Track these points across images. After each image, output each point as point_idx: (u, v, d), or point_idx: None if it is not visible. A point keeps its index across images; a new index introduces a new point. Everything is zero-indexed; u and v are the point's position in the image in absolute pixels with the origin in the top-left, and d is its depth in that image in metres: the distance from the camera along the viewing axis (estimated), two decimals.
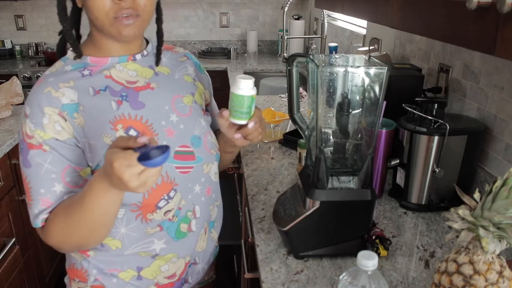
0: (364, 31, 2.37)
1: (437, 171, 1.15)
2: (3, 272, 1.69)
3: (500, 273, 0.69)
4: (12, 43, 3.81)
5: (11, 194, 1.84)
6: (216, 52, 3.85)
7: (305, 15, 3.92)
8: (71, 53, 0.92)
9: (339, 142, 1.00)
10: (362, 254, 0.69)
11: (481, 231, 0.67)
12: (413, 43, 1.72)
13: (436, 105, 1.15)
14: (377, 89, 0.92)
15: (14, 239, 1.79)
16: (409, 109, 1.20)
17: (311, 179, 0.96)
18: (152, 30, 0.98)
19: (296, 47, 3.67)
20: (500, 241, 0.68)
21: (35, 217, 0.87)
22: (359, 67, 0.94)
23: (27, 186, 0.87)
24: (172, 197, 0.93)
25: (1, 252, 1.68)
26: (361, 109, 0.96)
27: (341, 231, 0.97)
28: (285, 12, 2.83)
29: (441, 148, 1.13)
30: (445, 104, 1.17)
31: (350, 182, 0.97)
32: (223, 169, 1.17)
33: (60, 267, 2.28)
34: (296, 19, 3.64)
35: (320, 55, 1.08)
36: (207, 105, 1.11)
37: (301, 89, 2.17)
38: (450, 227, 0.71)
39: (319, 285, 0.91)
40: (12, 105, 2.09)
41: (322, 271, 0.96)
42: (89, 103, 0.88)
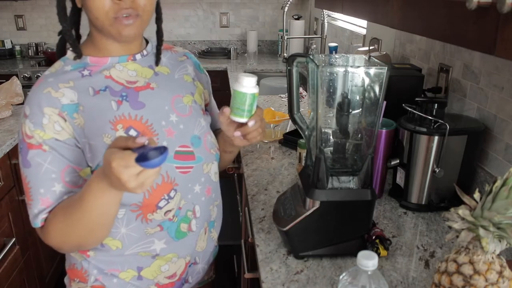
0: (364, 31, 2.37)
1: (437, 171, 1.15)
2: (3, 272, 1.69)
3: (500, 273, 0.69)
4: (12, 43, 3.81)
5: (11, 194, 1.84)
6: (216, 52, 3.85)
7: (305, 15, 3.92)
8: (70, 53, 0.92)
9: (339, 142, 1.00)
10: (362, 254, 0.69)
11: (481, 231, 0.67)
12: (413, 43, 1.72)
13: (436, 105, 1.15)
14: (377, 89, 0.92)
15: (14, 239, 1.79)
16: (409, 109, 1.20)
17: (311, 179, 0.96)
18: (151, 30, 0.98)
19: (296, 47, 3.67)
20: (500, 241, 0.68)
21: (34, 217, 0.87)
22: (359, 67, 0.94)
23: (27, 186, 0.87)
24: (172, 197, 0.93)
25: (1, 252, 1.68)
26: (361, 109, 0.96)
27: (341, 231, 0.97)
28: (285, 12, 2.83)
29: (441, 148, 1.13)
30: (445, 104, 1.17)
31: (350, 182, 0.97)
32: (223, 169, 1.17)
33: (60, 267, 2.28)
34: (296, 19, 3.64)
35: (320, 55, 1.08)
36: (206, 105, 1.11)
37: (301, 89, 2.17)
38: (450, 227, 0.71)
39: (319, 285, 0.91)
40: (12, 105, 2.09)
41: (322, 271, 0.96)
42: (89, 103, 0.88)
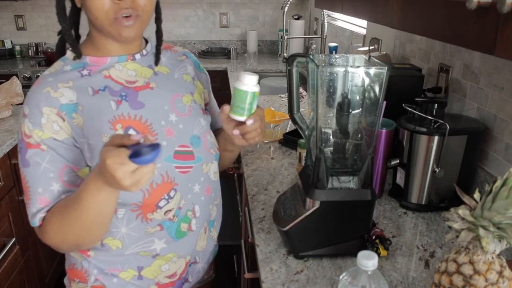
0: (364, 31, 2.37)
1: (437, 171, 1.15)
2: (3, 272, 1.69)
3: (500, 273, 0.69)
4: (12, 43, 3.81)
5: (11, 194, 1.84)
6: (216, 52, 3.85)
7: (305, 15, 3.92)
8: (70, 53, 0.92)
9: (339, 142, 1.00)
10: (362, 254, 0.69)
11: (481, 231, 0.67)
12: (413, 43, 1.72)
13: (436, 105, 1.15)
14: (377, 89, 0.92)
15: (14, 239, 1.79)
16: (409, 109, 1.20)
17: (311, 179, 0.96)
18: (151, 29, 0.98)
19: (296, 47, 3.67)
20: (500, 241, 0.68)
21: (33, 216, 0.87)
22: (359, 67, 0.94)
23: (26, 185, 0.87)
24: (172, 196, 0.93)
25: (1, 252, 1.68)
26: (361, 109, 0.96)
27: (341, 231, 0.97)
28: (285, 12, 2.83)
29: (441, 148, 1.13)
30: (445, 104, 1.17)
31: (350, 182, 0.97)
32: (223, 168, 1.17)
33: (60, 267, 2.28)
34: (296, 19, 3.64)
35: (320, 55, 1.08)
36: (206, 104, 1.11)
37: (301, 89, 2.17)
38: (450, 227, 0.71)
39: (319, 285, 0.91)
40: (12, 105, 2.09)
41: (322, 271, 0.96)
42: (88, 103, 0.88)
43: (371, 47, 2.02)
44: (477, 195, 0.71)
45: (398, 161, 1.23)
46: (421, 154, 1.16)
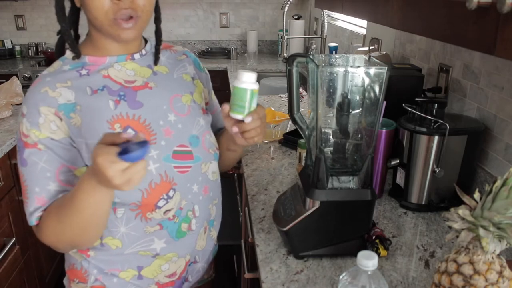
0: (364, 31, 2.37)
1: (437, 171, 1.15)
2: (3, 272, 1.69)
3: (500, 273, 0.69)
4: (12, 43, 3.81)
5: (11, 194, 1.84)
6: (216, 52, 3.85)
7: (305, 15, 3.92)
8: (69, 53, 0.92)
9: (339, 142, 1.00)
10: (362, 254, 0.69)
11: (481, 231, 0.67)
12: (413, 43, 1.72)
13: (436, 105, 1.15)
14: (377, 89, 0.92)
15: (14, 239, 1.79)
16: (409, 109, 1.20)
17: (311, 179, 0.96)
18: (151, 29, 0.98)
19: (296, 47, 3.67)
20: (500, 241, 0.68)
21: (30, 215, 0.88)
22: (359, 67, 0.94)
23: (24, 185, 0.88)
24: (171, 196, 0.93)
25: (1, 252, 1.68)
26: (361, 109, 0.96)
27: (341, 231, 0.97)
28: (285, 12, 2.83)
29: (441, 148, 1.13)
30: (445, 104, 1.17)
31: (350, 182, 0.97)
32: (227, 168, 1.16)
33: (60, 267, 2.28)
34: (296, 19, 3.64)
35: (320, 55, 1.08)
36: (206, 104, 1.11)
37: (301, 89, 2.18)
38: (450, 227, 0.71)
39: (319, 285, 0.91)
40: (12, 105, 2.09)
41: (322, 271, 0.96)
42: (87, 102, 0.88)
43: (371, 47, 2.02)
44: (477, 195, 0.71)
45: (398, 161, 1.23)
46: (421, 154, 1.16)
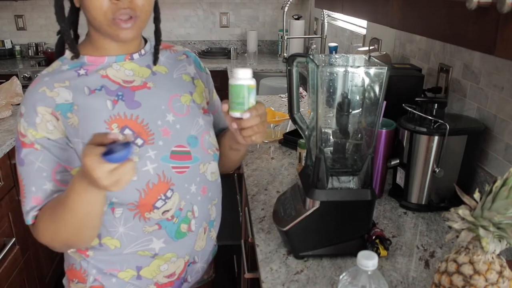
0: (364, 31, 2.37)
1: (437, 171, 1.15)
2: (3, 272, 1.69)
3: (500, 273, 0.69)
4: (12, 43, 3.81)
5: (11, 194, 1.84)
6: (216, 52, 3.85)
7: (305, 15, 3.92)
8: (68, 53, 0.92)
9: (339, 142, 1.00)
10: (362, 254, 0.69)
11: (481, 231, 0.67)
12: (413, 43, 1.72)
13: (436, 105, 1.15)
14: (377, 89, 0.92)
15: (14, 239, 1.79)
16: (409, 109, 1.20)
17: (311, 179, 0.96)
18: (151, 29, 0.98)
19: (296, 47, 3.67)
20: (500, 241, 0.68)
21: (26, 214, 0.88)
22: (359, 67, 0.94)
23: (21, 184, 0.89)
24: (169, 197, 0.93)
25: (1, 252, 1.68)
26: (361, 109, 0.96)
27: (341, 231, 0.97)
28: (285, 12, 2.83)
29: (441, 148, 1.13)
30: (445, 104, 1.17)
31: (350, 182, 0.97)
32: (231, 169, 1.14)
33: (60, 267, 2.28)
34: (296, 19, 3.64)
35: (320, 55, 1.08)
36: (207, 104, 1.11)
37: (301, 89, 2.17)
38: (450, 227, 0.71)
39: (319, 285, 0.91)
40: (12, 105, 2.09)
41: (322, 271, 0.96)
42: (84, 102, 0.88)
43: (371, 47, 2.02)
44: (477, 195, 0.71)
45: (398, 161, 1.23)
46: (421, 154, 1.16)
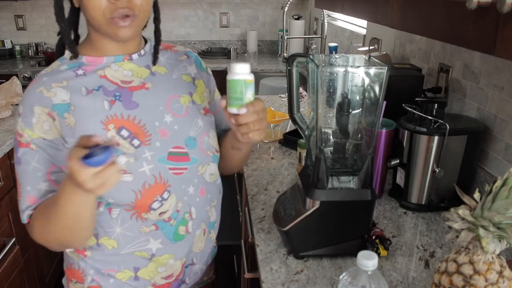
0: (364, 31, 2.37)
1: (437, 171, 1.15)
2: (3, 272, 1.69)
3: (500, 273, 0.69)
4: (12, 43, 3.81)
5: (11, 194, 1.84)
6: (216, 52, 3.85)
7: (305, 15, 3.92)
8: (68, 53, 0.92)
9: (339, 142, 1.00)
10: (362, 254, 0.69)
11: (481, 231, 0.67)
12: (413, 43, 1.72)
13: (436, 105, 1.15)
14: (377, 89, 0.92)
15: (14, 239, 1.79)
16: (409, 109, 1.20)
17: (311, 179, 0.96)
18: (152, 30, 0.97)
19: (296, 47, 3.67)
20: (500, 241, 0.68)
21: (22, 213, 0.89)
22: (359, 67, 0.94)
23: (18, 183, 0.89)
24: (166, 198, 0.92)
25: (1, 252, 1.68)
26: (361, 109, 0.96)
27: (341, 231, 0.97)
28: (285, 12, 2.83)
29: (441, 148, 1.13)
30: (445, 104, 1.17)
31: (350, 182, 0.97)
32: (234, 170, 1.13)
33: (60, 267, 2.27)
34: (296, 19, 3.64)
35: (320, 55, 1.08)
36: (209, 103, 1.09)
37: (301, 89, 2.17)
38: (450, 227, 0.71)
39: (319, 285, 0.91)
40: (12, 105, 2.09)
41: (322, 271, 0.96)
42: (81, 103, 0.87)
43: (371, 47, 2.02)
44: (477, 195, 0.71)
45: (398, 161, 1.23)
46: (421, 154, 1.16)
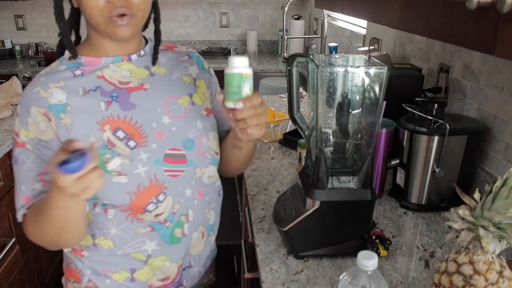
0: (364, 31, 2.37)
1: (437, 171, 1.15)
2: (3, 272, 1.69)
3: (500, 273, 0.69)
4: (12, 43, 3.81)
5: (11, 194, 1.84)
6: (216, 52, 3.85)
7: (305, 15, 3.92)
8: (68, 53, 0.91)
9: (339, 142, 1.00)
10: (362, 254, 0.69)
11: (481, 231, 0.67)
12: (413, 43, 1.72)
13: (436, 105, 1.15)
14: (377, 89, 0.92)
15: (14, 239, 1.79)
16: (409, 109, 1.20)
17: (311, 179, 0.96)
18: (152, 30, 0.97)
19: (296, 47, 3.67)
20: (500, 241, 0.68)
21: (17, 212, 0.91)
22: (359, 67, 0.94)
23: (15, 182, 0.91)
24: (161, 200, 0.91)
25: (1, 252, 1.68)
26: (361, 109, 0.96)
27: (341, 231, 0.97)
28: (285, 12, 2.83)
29: (441, 148, 1.13)
30: (445, 104, 1.17)
31: (350, 182, 0.97)
32: (235, 171, 1.11)
33: (60, 267, 2.26)
34: (296, 19, 3.64)
35: (320, 55, 1.09)
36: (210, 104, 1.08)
37: (301, 89, 2.17)
38: (450, 227, 0.71)
39: (319, 285, 0.91)
40: (12, 105, 2.09)
41: (322, 271, 0.96)
42: (78, 103, 0.87)
43: (371, 47, 2.02)
44: (477, 195, 0.71)
45: (398, 161, 1.23)
46: (421, 154, 1.16)
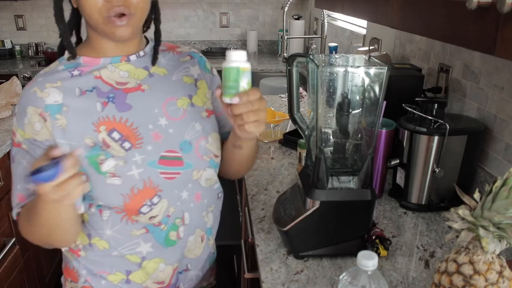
0: (364, 31, 2.37)
1: (437, 171, 1.15)
2: (3, 272, 1.69)
3: (500, 273, 0.69)
4: (12, 43, 3.81)
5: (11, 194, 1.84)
6: (216, 52, 3.85)
7: (305, 15, 3.92)
8: (67, 54, 0.91)
9: (339, 142, 1.00)
10: (362, 254, 0.69)
11: (481, 231, 0.67)
12: (413, 43, 1.72)
13: (436, 105, 1.15)
14: (377, 89, 0.92)
15: (14, 239, 1.79)
16: (409, 109, 1.20)
17: (311, 179, 0.96)
18: (152, 30, 0.97)
19: (296, 47, 3.67)
20: (500, 241, 0.68)
21: (13, 210, 0.92)
22: (359, 67, 0.94)
23: (12, 180, 0.91)
24: (156, 203, 0.90)
25: (1, 252, 1.68)
26: (361, 109, 0.96)
27: (341, 231, 0.97)
28: (285, 12, 2.83)
29: (441, 148, 1.13)
30: (445, 104, 1.17)
31: (350, 182, 0.97)
32: (237, 173, 1.10)
33: (60, 267, 2.27)
34: (296, 19, 3.64)
35: (320, 55, 1.09)
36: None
37: (301, 89, 2.17)
38: (450, 227, 0.71)
39: (319, 285, 0.91)
40: (12, 105, 2.09)
41: (322, 271, 0.96)
42: (74, 103, 0.86)
43: (371, 47, 2.02)
44: (477, 195, 0.71)
45: (398, 161, 1.23)
46: (421, 154, 1.16)
